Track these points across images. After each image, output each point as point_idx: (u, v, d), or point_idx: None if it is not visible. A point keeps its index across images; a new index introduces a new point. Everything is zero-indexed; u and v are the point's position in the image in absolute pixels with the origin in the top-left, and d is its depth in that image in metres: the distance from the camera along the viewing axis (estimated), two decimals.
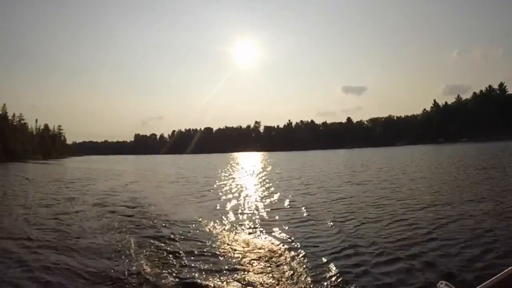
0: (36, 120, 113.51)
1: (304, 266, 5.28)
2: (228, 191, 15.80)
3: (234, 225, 8.47)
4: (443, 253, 5.53)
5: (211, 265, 5.50)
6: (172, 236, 7.30)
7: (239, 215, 9.89)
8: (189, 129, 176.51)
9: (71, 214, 10.50)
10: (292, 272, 5.08)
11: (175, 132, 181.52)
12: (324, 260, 5.50)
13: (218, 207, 11.35)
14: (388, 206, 9.88)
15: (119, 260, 5.85)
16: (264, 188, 17.03)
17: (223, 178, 24.07)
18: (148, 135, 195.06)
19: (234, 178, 23.56)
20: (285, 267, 5.31)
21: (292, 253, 5.93)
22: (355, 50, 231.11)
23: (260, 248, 6.33)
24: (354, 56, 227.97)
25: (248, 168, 34.90)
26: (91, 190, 17.52)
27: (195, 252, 6.17)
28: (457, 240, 6.19)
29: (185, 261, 5.73)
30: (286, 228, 7.84)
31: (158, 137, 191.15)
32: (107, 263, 5.71)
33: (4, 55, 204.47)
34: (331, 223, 8.01)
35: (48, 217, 10.22)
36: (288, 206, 10.97)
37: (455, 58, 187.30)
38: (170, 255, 6.04)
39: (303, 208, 10.27)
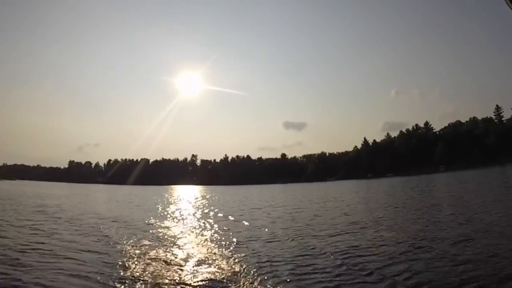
0: None
1: None
2: None
3: None
4: None
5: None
6: None
7: None
8: (126, 159, 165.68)
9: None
10: None
11: (111, 161, 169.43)
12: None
13: None
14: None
15: None
16: None
17: None
18: (83, 162, 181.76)
19: None
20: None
21: None
22: (296, 87, 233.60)
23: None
24: (295, 93, 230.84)
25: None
26: None
27: None
28: None
29: None
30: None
31: (93, 165, 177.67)
32: None
33: None
34: None
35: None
36: None
37: (393, 97, 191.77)
38: None
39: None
